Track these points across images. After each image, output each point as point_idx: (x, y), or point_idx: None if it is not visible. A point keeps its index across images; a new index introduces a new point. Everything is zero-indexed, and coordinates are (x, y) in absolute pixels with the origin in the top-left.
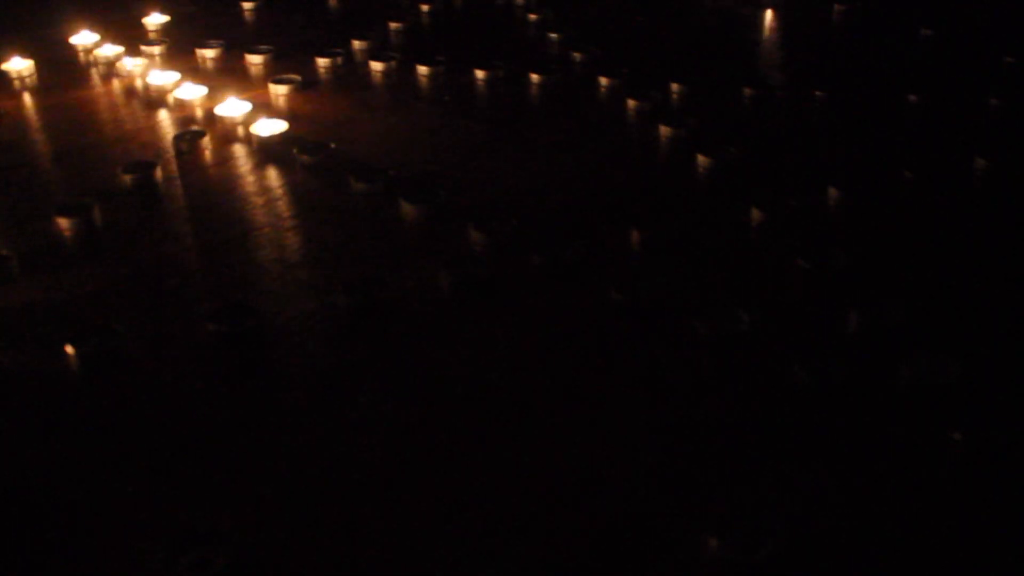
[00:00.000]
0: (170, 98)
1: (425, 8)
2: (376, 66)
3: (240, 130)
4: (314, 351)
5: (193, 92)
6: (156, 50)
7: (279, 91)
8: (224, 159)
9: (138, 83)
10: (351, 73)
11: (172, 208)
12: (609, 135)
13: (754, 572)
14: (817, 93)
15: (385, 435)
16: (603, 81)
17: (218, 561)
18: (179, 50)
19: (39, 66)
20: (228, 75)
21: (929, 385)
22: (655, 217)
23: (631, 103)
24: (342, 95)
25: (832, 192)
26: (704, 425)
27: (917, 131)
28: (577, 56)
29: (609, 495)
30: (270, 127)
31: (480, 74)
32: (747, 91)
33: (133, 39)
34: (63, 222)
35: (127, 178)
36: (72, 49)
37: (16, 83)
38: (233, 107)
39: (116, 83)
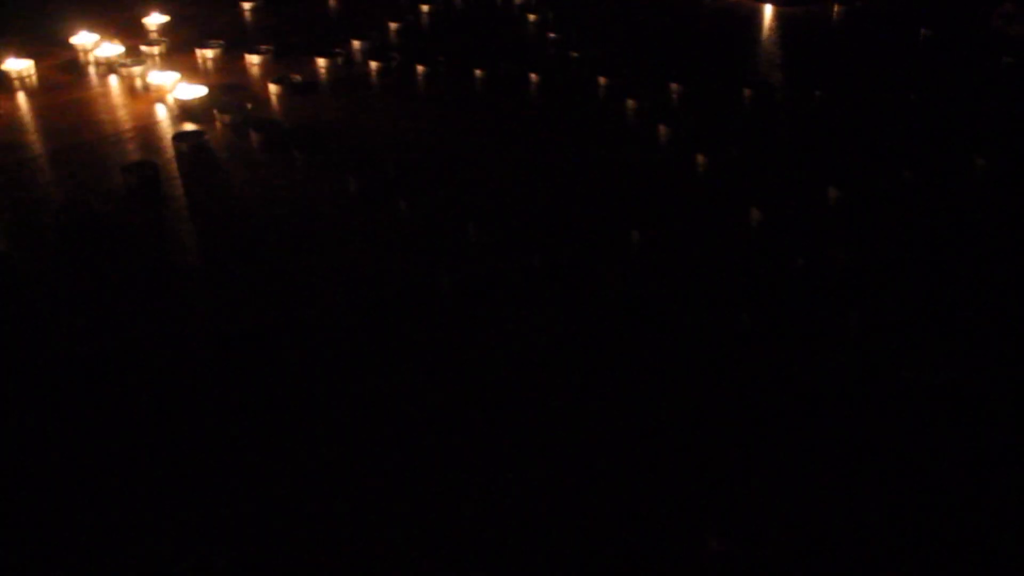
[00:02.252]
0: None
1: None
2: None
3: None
4: None
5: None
6: (156, 50)
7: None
8: None
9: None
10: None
11: None
12: (609, 135)
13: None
14: (817, 93)
15: (387, 434)
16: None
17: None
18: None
19: (39, 66)
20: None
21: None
22: (655, 217)
23: (631, 103)
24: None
25: (832, 192)
26: (704, 424)
27: (917, 131)
28: (575, 56)
29: (608, 495)
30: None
31: (479, 73)
32: (747, 91)
33: (133, 39)
34: None
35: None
36: (72, 49)
37: (16, 83)
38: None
39: (115, 82)
